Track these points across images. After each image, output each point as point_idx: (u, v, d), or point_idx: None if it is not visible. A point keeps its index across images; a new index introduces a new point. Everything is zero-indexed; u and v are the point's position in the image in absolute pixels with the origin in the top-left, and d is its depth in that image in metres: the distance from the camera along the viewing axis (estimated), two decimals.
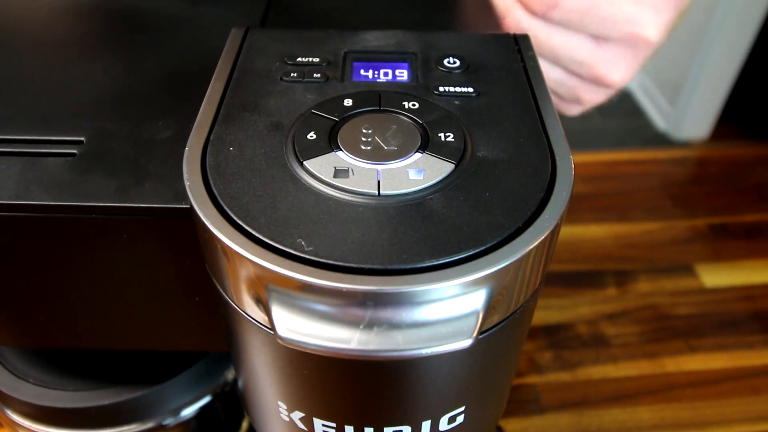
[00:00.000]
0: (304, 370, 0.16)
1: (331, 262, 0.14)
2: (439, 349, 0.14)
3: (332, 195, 0.16)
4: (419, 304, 0.14)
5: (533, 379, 0.49)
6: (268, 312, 0.14)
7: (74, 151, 0.21)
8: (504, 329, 0.16)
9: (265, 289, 0.14)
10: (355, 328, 0.14)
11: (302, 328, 0.14)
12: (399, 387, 0.16)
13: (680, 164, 0.72)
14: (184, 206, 0.18)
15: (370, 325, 0.14)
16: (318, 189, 0.16)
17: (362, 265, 0.14)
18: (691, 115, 1.95)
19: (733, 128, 1.87)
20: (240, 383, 0.22)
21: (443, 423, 0.18)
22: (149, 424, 0.28)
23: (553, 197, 0.16)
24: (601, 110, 2.33)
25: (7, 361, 0.27)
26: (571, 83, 0.29)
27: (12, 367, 0.27)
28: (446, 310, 0.14)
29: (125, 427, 0.28)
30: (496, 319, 0.15)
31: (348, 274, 0.14)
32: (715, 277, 0.58)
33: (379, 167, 0.16)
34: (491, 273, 0.14)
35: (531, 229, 0.15)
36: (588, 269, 0.59)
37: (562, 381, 0.49)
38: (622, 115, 2.23)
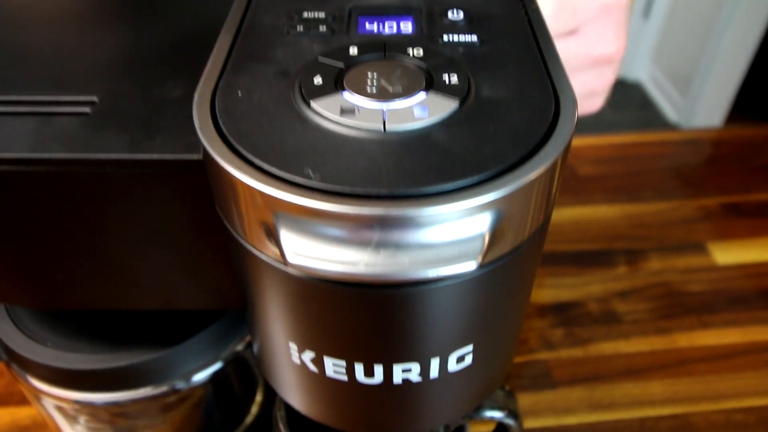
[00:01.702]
0: (314, 304, 0.16)
1: (337, 187, 0.14)
2: (446, 271, 0.14)
3: (338, 131, 0.16)
4: (425, 227, 0.14)
5: (544, 355, 0.49)
6: (277, 241, 0.15)
7: (87, 110, 0.21)
8: (510, 263, 0.16)
9: (273, 219, 0.15)
10: (363, 252, 0.14)
11: (310, 252, 0.14)
12: (406, 320, 0.16)
13: (691, 146, 0.72)
14: (195, 157, 0.19)
15: (377, 248, 0.14)
16: (324, 126, 0.16)
17: (368, 191, 0.14)
18: (702, 106, 1.93)
19: (746, 118, 1.85)
20: (253, 335, 0.22)
21: (451, 362, 0.18)
22: (162, 388, 0.29)
23: (556, 130, 0.16)
24: (613, 103, 2.30)
25: (24, 326, 0.28)
26: (578, 81, 0.30)
27: (30, 332, 0.28)
28: (452, 233, 0.14)
29: (140, 390, 0.28)
30: (501, 250, 0.16)
31: (354, 199, 0.14)
32: (727, 254, 0.58)
33: (385, 106, 0.16)
34: (495, 197, 0.14)
35: (535, 158, 0.15)
36: (598, 248, 0.58)
37: (573, 357, 0.49)
38: (633, 107, 2.22)
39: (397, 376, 0.18)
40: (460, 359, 0.19)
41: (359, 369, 0.18)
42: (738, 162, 0.69)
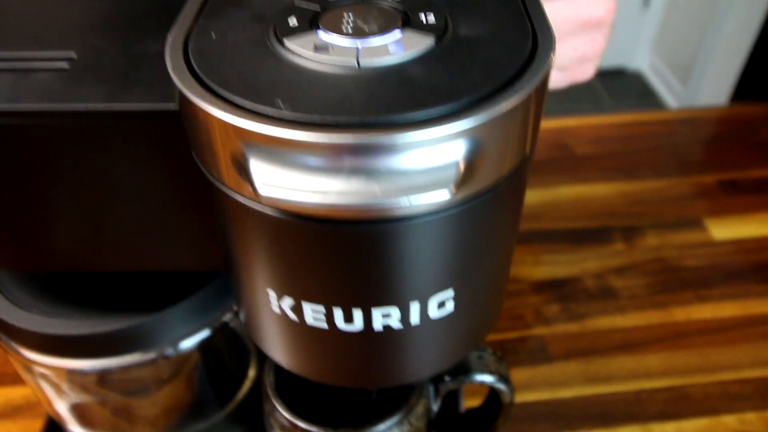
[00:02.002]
0: (289, 244, 0.16)
1: (308, 117, 0.14)
2: (418, 200, 0.14)
3: (311, 68, 0.16)
4: (396, 154, 0.14)
5: (540, 330, 0.49)
6: (248, 175, 0.14)
7: (65, 65, 0.21)
8: (487, 203, 0.16)
9: (244, 151, 0.14)
10: (334, 181, 0.14)
11: (281, 183, 0.14)
12: (382, 260, 0.16)
13: (688, 125, 0.72)
14: (172, 107, 0.18)
15: (348, 177, 0.14)
16: (297, 63, 0.16)
17: (339, 119, 0.14)
18: (703, 95, 1.92)
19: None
20: (236, 292, 0.22)
21: (432, 307, 0.18)
22: (150, 354, 0.29)
23: (533, 64, 0.16)
24: (613, 92, 2.29)
25: (9, 293, 0.28)
26: (569, 46, 0.30)
27: (15, 299, 0.28)
28: (424, 160, 0.14)
29: (127, 356, 0.28)
30: (477, 185, 0.15)
31: (325, 128, 0.14)
32: (724, 230, 0.57)
33: (359, 43, 0.16)
34: (468, 125, 0.14)
35: (510, 89, 0.15)
36: (595, 226, 0.58)
37: (569, 332, 0.49)
38: (633, 96, 2.21)
39: (377, 323, 0.18)
40: (441, 305, 0.18)
41: (338, 315, 0.18)
42: (736, 140, 0.69)
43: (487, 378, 0.29)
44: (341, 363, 0.20)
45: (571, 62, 0.31)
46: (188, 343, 0.29)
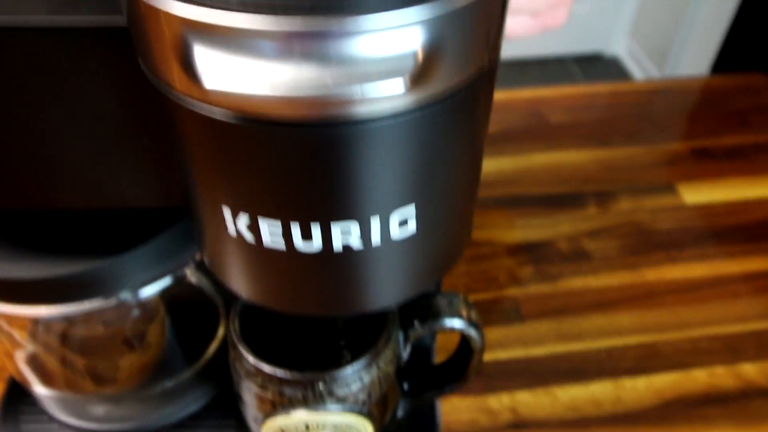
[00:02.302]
0: (241, 153, 0.16)
1: (255, 1, 0.13)
2: (372, 91, 0.13)
3: None
4: (348, 40, 0.13)
5: (513, 291, 0.49)
6: (194, 69, 0.14)
7: None
8: (448, 109, 0.16)
9: (189, 43, 0.14)
10: (284, 69, 0.13)
11: (228, 74, 0.13)
12: (338, 167, 0.16)
13: (662, 95, 0.72)
14: (120, 23, 0.18)
15: (298, 65, 0.13)
16: None
17: (288, 2, 0.13)
18: None
19: None
20: (193, 218, 0.21)
21: (393, 225, 0.18)
22: (111, 301, 0.28)
23: None
24: (590, 77, 2.30)
25: None
26: None
27: None
28: (379, 48, 0.13)
29: (87, 302, 0.27)
30: (436, 86, 0.15)
31: (273, 14, 0.13)
32: (696, 194, 0.58)
33: None
34: (426, 12, 0.13)
35: None
36: (568, 191, 0.58)
37: (542, 292, 0.49)
38: (610, 81, 2.22)
39: (337, 241, 0.18)
40: (403, 223, 0.18)
41: (296, 232, 0.17)
42: (709, 109, 0.69)
43: (456, 323, 0.29)
44: (302, 289, 0.20)
45: (545, 5, 0.31)
46: (150, 290, 0.29)
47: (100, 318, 0.30)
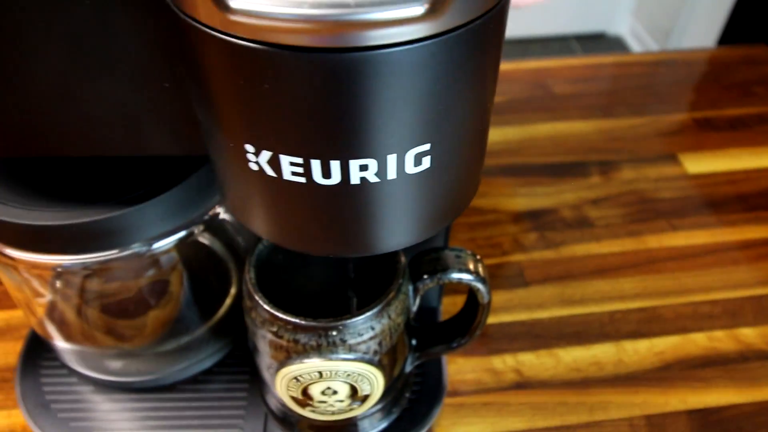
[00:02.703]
0: (264, 82, 0.16)
1: None
2: (391, 14, 0.14)
3: None
4: None
5: (518, 257, 0.50)
6: None
7: None
8: (463, 40, 0.16)
9: None
10: None
11: None
12: (359, 98, 0.16)
13: (666, 66, 0.72)
14: None
15: None
16: None
17: None
18: None
19: None
20: (214, 160, 0.22)
21: (409, 162, 0.18)
22: (128, 251, 0.28)
23: None
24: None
25: None
26: None
27: None
28: None
29: (103, 252, 0.28)
30: (453, 16, 0.15)
31: None
32: (699, 164, 0.58)
33: None
34: None
35: None
36: (573, 160, 0.59)
37: (546, 258, 0.50)
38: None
39: (355, 176, 0.18)
40: (418, 161, 0.19)
41: (316, 167, 0.18)
42: (712, 81, 0.69)
43: (464, 276, 0.30)
44: (318, 227, 0.20)
45: None
46: (166, 243, 0.29)
47: (118, 271, 0.30)
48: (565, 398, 0.41)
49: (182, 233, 0.30)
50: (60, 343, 0.35)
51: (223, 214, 0.33)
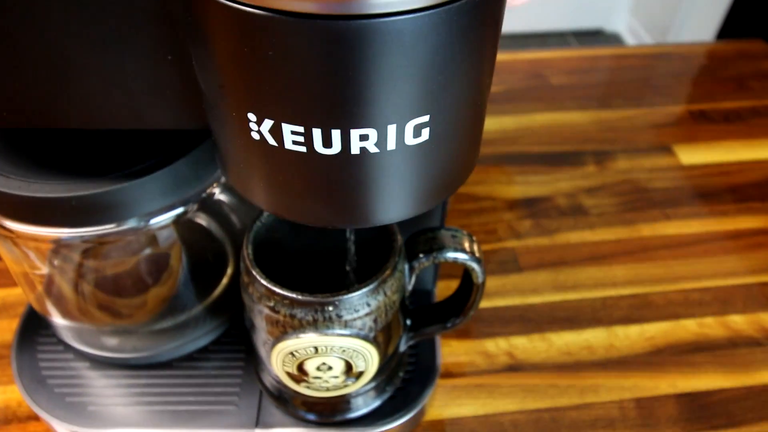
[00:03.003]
0: (269, 49, 0.16)
1: None
2: None
3: None
4: None
5: (512, 243, 0.50)
6: None
7: None
8: (461, 12, 0.17)
9: None
10: None
11: None
12: (361, 66, 0.16)
13: (662, 59, 0.73)
14: None
15: None
16: None
17: None
18: None
19: None
20: (215, 130, 0.22)
21: (408, 133, 0.19)
22: (123, 226, 0.29)
23: None
24: None
25: None
26: None
27: None
28: None
29: (101, 226, 0.28)
30: None
31: None
32: (693, 155, 0.59)
33: None
34: None
35: None
36: (568, 150, 0.59)
37: (540, 245, 0.50)
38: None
39: (355, 145, 0.19)
40: (417, 132, 0.19)
41: (317, 136, 0.18)
42: (708, 74, 0.70)
43: (460, 255, 0.30)
44: (317, 196, 0.21)
45: None
46: (163, 219, 0.30)
47: (115, 246, 0.31)
48: (557, 381, 0.41)
49: (179, 209, 0.30)
50: (57, 320, 0.36)
51: (218, 194, 0.33)
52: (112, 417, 0.35)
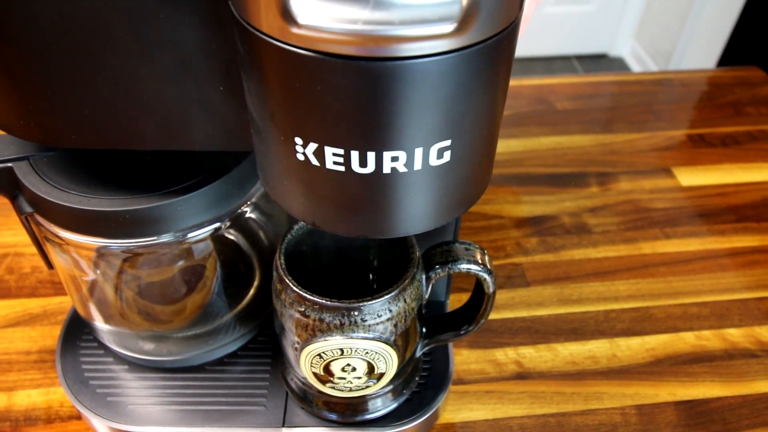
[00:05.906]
0: (317, 85, 0.20)
1: None
2: (427, 30, 0.17)
3: None
4: None
5: (520, 259, 0.53)
6: (289, 13, 0.18)
7: None
8: (481, 53, 0.20)
9: None
10: (361, 12, 0.17)
11: (318, 12, 0.17)
12: (395, 100, 0.20)
13: (664, 85, 0.76)
14: None
15: (372, 9, 0.17)
16: None
17: None
18: None
19: None
20: (261, 153, 0.25)
21: (432, 155, 0.22)
22: (161, 239, 0.32)
23: None
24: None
25: (45, 175, 0.31)
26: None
27: (54, 183, 0.31)
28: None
29: (151, 238, 0.31)
30: (475, 34, 0.19)
31: None
32: (692, 177, 0.62)
33: None
34: None
35: None
36: (572, 171, 0.62)
37: (546, 261, 0.53)
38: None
39: (387, 165, 0.22)
40: (440, 154, 0.22)
41: (355, 157, 0.21)
42: (707, 100, 0.73)
43: (473, 267, 0.33)
44: (350, 208, 0.24)
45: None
46: (202, 233, 0.33)
47: (155, 257, 0.34)
48: (562, 388, 0.44)
49: (214, 225, 0.33)
50: (99, 324, 0.39)
51: (249, 212, 0.36)
52: (149, 416, 0.38)
